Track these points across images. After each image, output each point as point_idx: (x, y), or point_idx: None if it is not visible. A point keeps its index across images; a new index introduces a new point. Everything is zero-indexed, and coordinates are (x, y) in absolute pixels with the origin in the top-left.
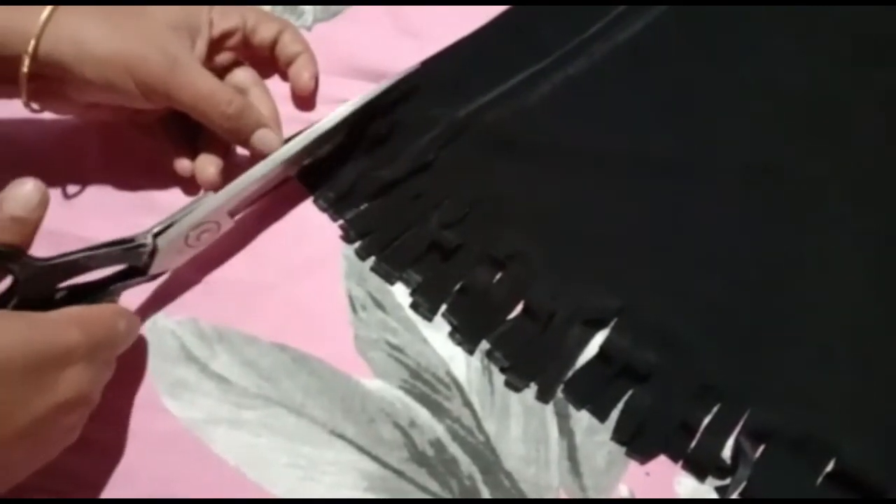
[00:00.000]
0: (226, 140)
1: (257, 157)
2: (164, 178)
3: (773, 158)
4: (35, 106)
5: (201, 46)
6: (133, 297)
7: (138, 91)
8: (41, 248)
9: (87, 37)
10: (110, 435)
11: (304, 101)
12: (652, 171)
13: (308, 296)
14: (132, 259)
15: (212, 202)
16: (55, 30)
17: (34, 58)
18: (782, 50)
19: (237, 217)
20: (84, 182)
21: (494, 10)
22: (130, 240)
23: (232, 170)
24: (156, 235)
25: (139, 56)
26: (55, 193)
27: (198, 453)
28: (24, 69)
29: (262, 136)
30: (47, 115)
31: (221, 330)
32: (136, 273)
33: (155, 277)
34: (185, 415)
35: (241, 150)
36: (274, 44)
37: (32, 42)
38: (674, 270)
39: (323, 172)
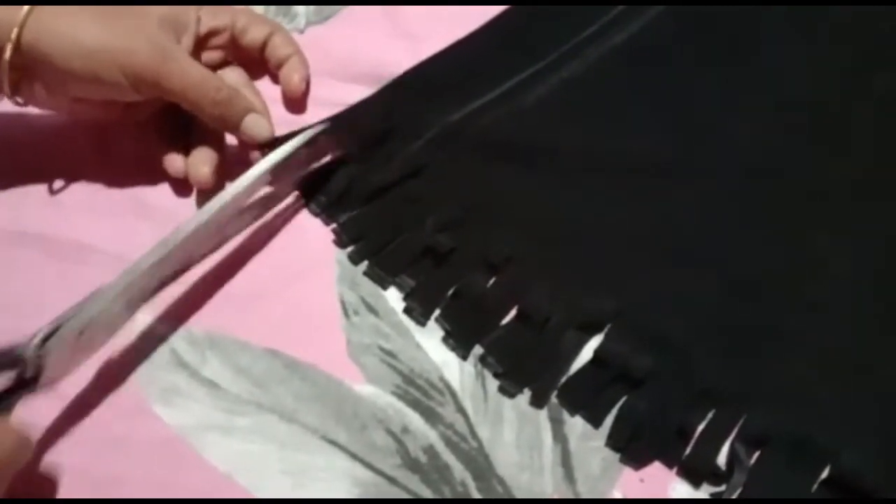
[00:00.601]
0: (218, 133)
1: (249, 146)
2: (156, 177)
3: (773, 161)
4: (19, 100)
5: (187, 42)
6: None
7: (127, 82)
8: (34, 251)
9: (74, 30)
10: (100, 441)
11: (295, 103)
12: (649, 173)
13: (300, 301)
14: (15, 367)
15: (99, 297)
16: (39, 22)
17: (17, 48)
18: (782, 51)
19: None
20: (74, 182)
21: (491, 11)
22: (9, 350)
23: (228, 168)
24: (44, 340)
25: (128, 47)
26: (45, 195)
27: (188, 460)
28: (6, 57)
29: (251, 123)
30: (37, 113)
31: (213, 335)
32: (28, 382)
33: (52, 384)
34: (176, 421)
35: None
36: (264, 46)
37: (15, 31)
38: (670, 274)
39: (315, 176)
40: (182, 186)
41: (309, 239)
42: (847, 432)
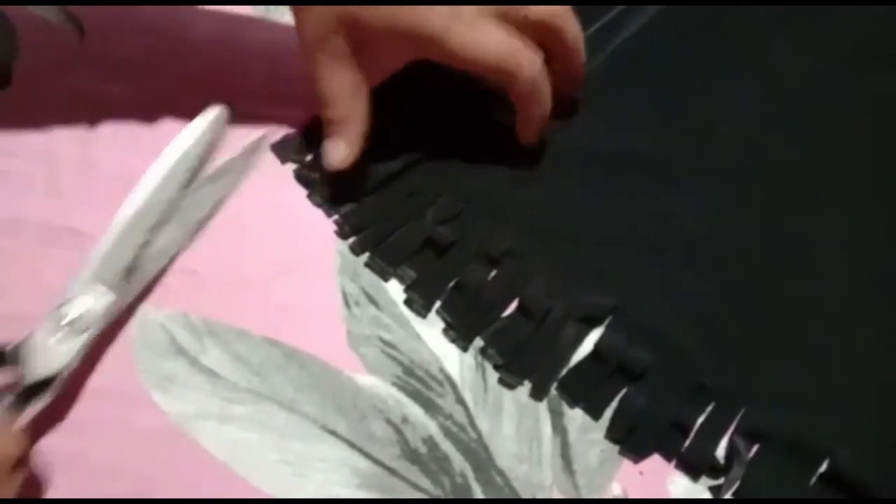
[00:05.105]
0: None
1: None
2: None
3: (770, 161)
4: None
5: None
6: None
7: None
8: (32, 239)
9: None
10: (98, 428)
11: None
12: (647, 170)
13: (301, 291)
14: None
15: (76, 278)
16: None
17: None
18: (780, 51)
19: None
20: (75, 172)
21: None
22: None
23: None
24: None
25: None
26: (41, 183)
27: (186, 448)
28: None
29: None
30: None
31: (212, 324)
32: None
33: (42, 387)
34: (174, 409)
35: None
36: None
37: None
38: (669, 269)
39: (318, 168)
40: None
41: (310, 229)
42: (844, 429)
